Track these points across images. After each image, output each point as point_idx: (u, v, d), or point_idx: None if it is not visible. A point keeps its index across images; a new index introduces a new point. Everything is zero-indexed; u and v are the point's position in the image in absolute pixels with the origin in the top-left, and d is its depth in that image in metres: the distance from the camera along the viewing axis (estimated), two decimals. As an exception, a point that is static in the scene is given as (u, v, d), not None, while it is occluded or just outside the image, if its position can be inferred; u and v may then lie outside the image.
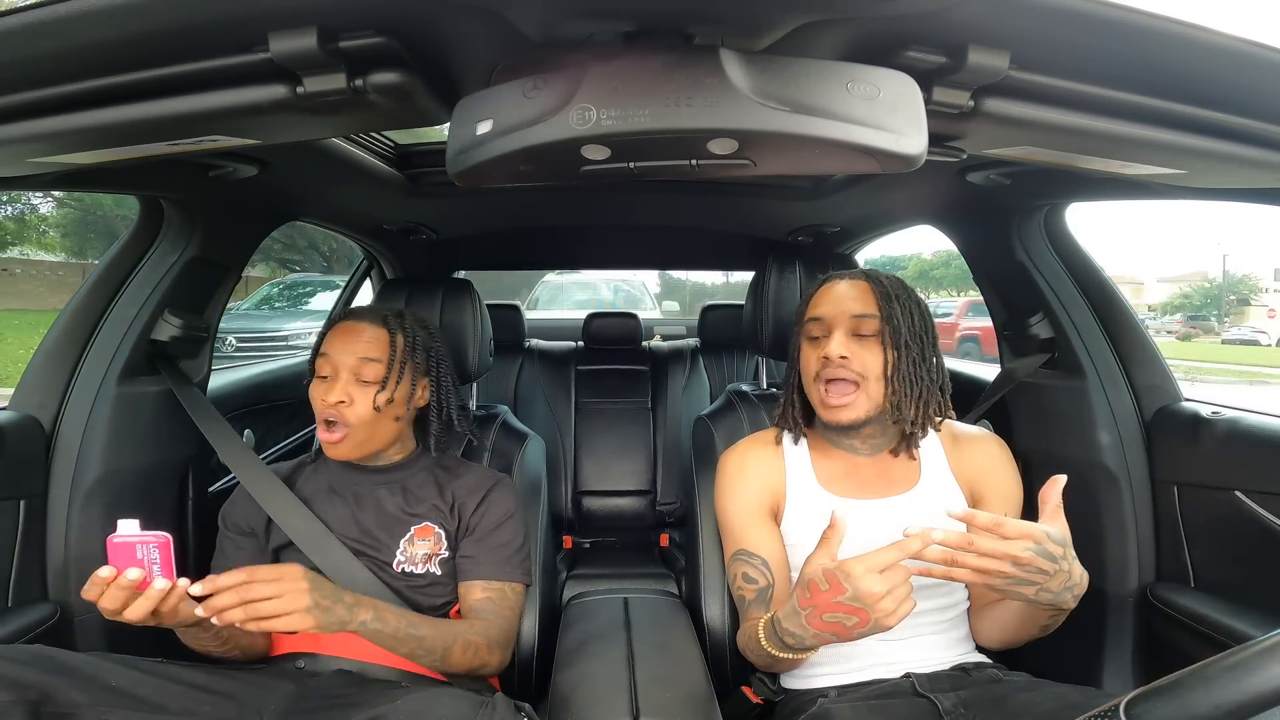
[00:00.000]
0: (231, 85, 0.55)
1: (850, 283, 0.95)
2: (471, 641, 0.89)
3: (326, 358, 0.97)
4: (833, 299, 0.94)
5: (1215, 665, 0.41)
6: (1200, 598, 1.03)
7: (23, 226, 13.71)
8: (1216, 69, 0.54)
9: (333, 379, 0.95)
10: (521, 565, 1.00)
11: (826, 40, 0.53)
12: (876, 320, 0.91)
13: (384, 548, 0.97)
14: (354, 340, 0.97)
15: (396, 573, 0.96)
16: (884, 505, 0.95)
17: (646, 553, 2.05)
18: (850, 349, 0.90)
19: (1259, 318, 28.09)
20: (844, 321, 0.92)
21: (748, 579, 0.94)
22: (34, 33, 0.48)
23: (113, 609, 0.72)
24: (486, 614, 0.94)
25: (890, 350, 0.90)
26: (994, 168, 1.02)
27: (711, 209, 1.66)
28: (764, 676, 1.00)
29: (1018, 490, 1.00)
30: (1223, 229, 57.73)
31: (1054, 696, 0.81)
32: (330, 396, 0.94)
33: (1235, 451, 1.01)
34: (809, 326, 0.96)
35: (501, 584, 0.97)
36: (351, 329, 0.98)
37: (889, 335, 0.90)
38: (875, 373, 0.90)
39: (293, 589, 0.73)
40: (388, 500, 1.00)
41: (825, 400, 0.92)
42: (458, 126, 0.55)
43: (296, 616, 0.72)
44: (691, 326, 3.24)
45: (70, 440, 1.02)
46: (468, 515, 1.00)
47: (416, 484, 1.03)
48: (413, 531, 0.98)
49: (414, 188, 1.30)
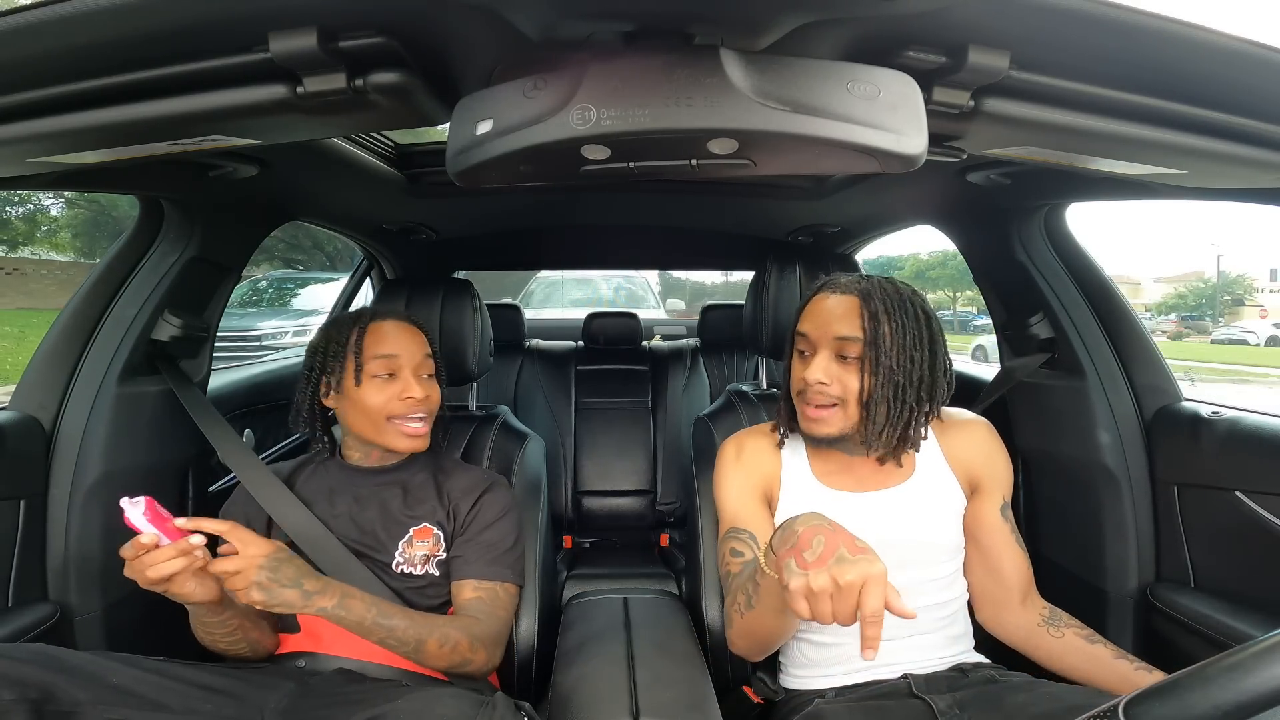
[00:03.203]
0: (231, 85, 0.55)
1: (841, 299, 0.91)
2: (450, 637, 0.88)
3: (392, 358, 0.98)
4: (821, 317, 0.91)
5: (1214, 666, 0.41)
6: (1200, 598, 1.03)
7: (34, 227, 13.79)
8: (1216, 69, 0.54)
9: (402, 376, 0.99)
10: (513, 566, 1.00)
11: (826, 40, 0.53)
12: (860, 344, 0.87)
13: (383, 549, 0.97)
14: (411, 339, 1.01)
15: (396, 574, 0.96)
16: (878, 498, 0.95)
17: (646, 553, 2.05)
18: (831, 372, 0.89)
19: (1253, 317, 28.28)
20: (827, 343, 0.90)
21: (734, 552, 0.92)
22: (34, 33, 0.48)
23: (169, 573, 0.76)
24: (475, 613, 0.94)
25: (869, 376, 0.87)
26: (994, 168, 1.02)
27: (711, 209, 1.66)
28: (764, 676, 1.00)
29: (1009, 472, 1.01)
30: (1218, 230, 57.96)
31: (1050, 696, 0.81)
32: (417, 392, 0.98)
33: (1235, 451, 1.01)
34: (797, 340, 0.95)
35: (493, 584, 0.97)
36: (404, 329, 1.02)
37: (870, 360, 0.87)
38: (854, 395, 0.88)
39: (248, 559, 0.79)
40: (389, 501, 1.00)
41: (805, 414, 0.93)
42: (458, 126, 0.55)
43: (240, 586, 0.78)
44: (691, 326, 3.24)
45: (70, 440, 1.02)
46: (462, 515, 1.01)
47: (416, 485, 1.03)
48: (411, 533, 0.98)
49: (414, 188, 1.30)
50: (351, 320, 1.02)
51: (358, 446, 1.04)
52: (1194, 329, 28.59)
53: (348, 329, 1.00)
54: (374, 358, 0.98)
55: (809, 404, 0.92)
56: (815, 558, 0.62)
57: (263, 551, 0.80)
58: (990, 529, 0.97)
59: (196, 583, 0.80)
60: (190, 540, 0.77)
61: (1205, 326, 28.74)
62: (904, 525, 0.93)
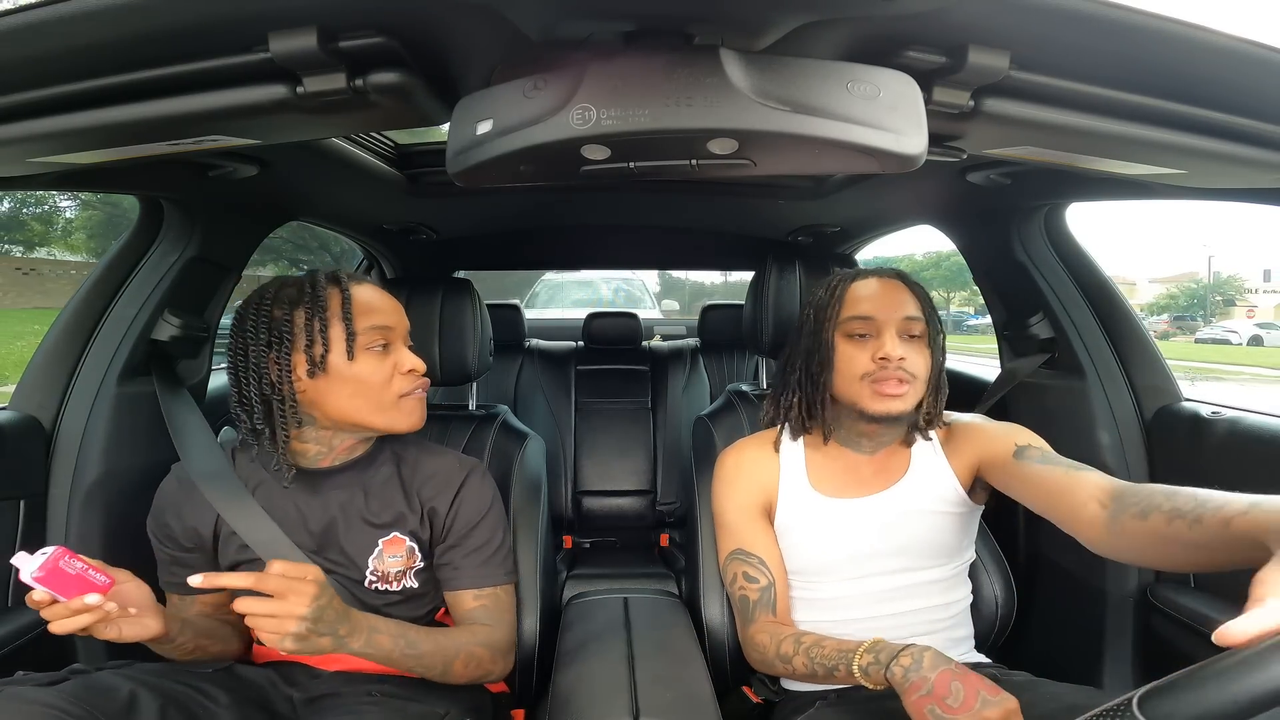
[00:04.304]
0: (231, 85, 0.55)
1: (892, 283, 0.94)
2: (474, 654, 0.85)
3: (387, 329, 0.86)
4: (882, 299, 0.92)
5: (1230, 658, 0.40)
6: (1200, 597, 1.03)
7: (49, 228, 13.86)
8: (1216, 69, 0.54)
9: (396, 347, 0.88)
10: (504, 564, 0.94)
11: (827, 40, 0.53)
12: (923, 322, 0.92)
13: (351, 565, 0.88)
14: (396, 305, 0.90)
15: (370, 591, 0.88)
16: (874, 501, 0.95)
17: (646, 553, 2.05)
18: (905, 349, 0.90)
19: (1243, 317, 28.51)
20: (895, 323, 0.91)
21: (749, 578, 0.94)
22: (34, 33, 0.48)
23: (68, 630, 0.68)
24: (485, 622, 0.90)
25: (933, 353, 0.93)
26: (994, 168, 1.02)
27: (711, 209, 1.66)
28: (764, 677, 1.00)
29: (1010, 430, 0.94)
30: (1210, 231, 58.26)
31: (1052, 697, 0.81)
32: (420, 363, 0.88)
33: (1235, 452, 1.01)
34: (851, 324, 0.92)
35: (493, 589, 0.92)
36: (385, 294, 0.90)
37: (931, 337, 0.93)
38: (923, 374, 0.91)
39: (286, 611, 0.68)
40: (349, 509, 0.88)
41: (878, 390, 0.90)
42: (458, 126, 0.55)
43: (270, 633, 0.68)
44: (691, 326, 3.25)
45: (70, 440, 1.02)
46: (441, 519, 0.91)
47: (379, 485, 0.90)
48: (381, 546, 0.88)
49: (414, 188, 1.30)
50: (329, 282, 0.85)
51: (322, 440, 0.87)
52: (1184, 329, 28.86)
53: (324, 293, 0.83)
54: (369, 328, 0.84)
55: (886, 381, 0.90)
56: (959, 704, 0.68)
57: (306, 601, 0.68)
58: (1013, 476, 0.88)
59: (128, 626, 0.73)
60: (87, 600, 0.67)
61: (1196, 327, 28.94)
62: (903, 528, 0.93)
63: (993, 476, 0.92)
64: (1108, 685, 1.12)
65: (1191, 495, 0.67)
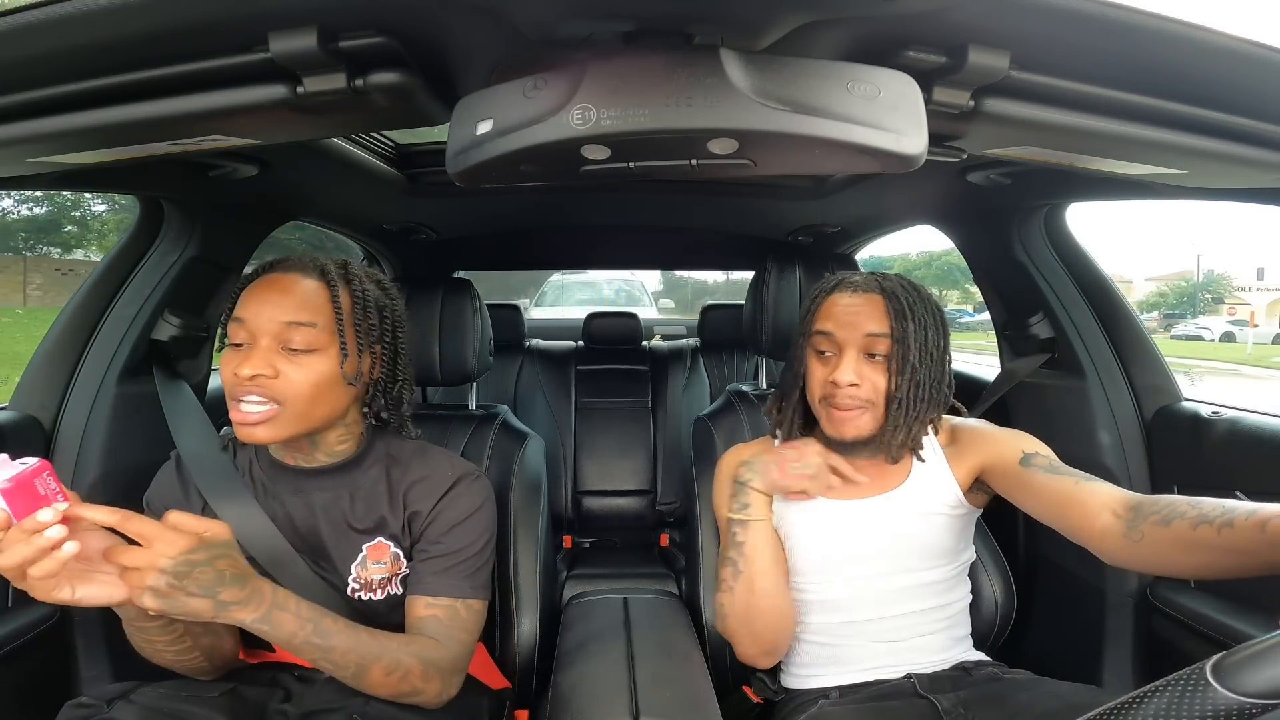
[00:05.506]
0: (231, 85, 0.55)
1: (864, 296, 0.89)
2: (400, 664, 0.74)
3: (241, 323, 0.76)
4: (845, 314, 0.89)
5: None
6: (1200, 597, 1.03)
7: (85, 230, 14.01)
8: (1216, 69, 0.54)
9: (250, 346, 0.75)
10: (472, 578, 0.83)
11: (827, 40, 0.53)
12: (889, 341, 0.87)
13: (333, 569, 0.84)
14: (281, 298, 0.76)
15: (353, 599, 0.84)
16: (874, 503, 0.94)
17: (646, 553, 2.05)
18: (861, 373, 0.87)
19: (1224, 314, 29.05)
20: (856, 341, 0.87)
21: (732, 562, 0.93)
22: (34, 33, 0.48)
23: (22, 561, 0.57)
24: (432, 635, 0.80)
25: (895, 376, 0.86)
26: (994, 168, 1.02)
27: (711, 209, 1.66)
28: (764, 676, 1.00)
29: (1016, 436, 0.93)
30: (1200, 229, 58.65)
31: (1053, 695, 0.81)
32: (243, 369, 0.73)
33: (1235, 452, 1.01)
34: (816, 340, 0.91)
35: (451, 601, 0.81)
36: (276, 283, 0.77)
37: (898, 359, 0.86)
38: (882, 395, 0.87)
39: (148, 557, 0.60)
40: (334, 511, 0.84)
41: (832, 417, 0.89)
42: (458, 126, 0.55)
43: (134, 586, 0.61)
44: (691, 326, 3.25)
45: (70, 440, 1.02)
46: (420, 523, 0.85)
47: (366, 487, 0.85)
48: (365, 552, 0.84)
49: (414, 188, 1.30)
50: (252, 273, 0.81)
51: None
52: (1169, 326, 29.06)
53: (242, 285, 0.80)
54: (232, 319, 0.77)
55: (838, 407, 0.88)
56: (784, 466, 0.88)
57: (172, 550, 0.61)
58: (1019, 483, 0.87)
59: (84, 586, 0.62)
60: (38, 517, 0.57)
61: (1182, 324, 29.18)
62: (903, 530, 0.93)
63: (996, 483, 0.91)
64: (1108, 684, 1.12)
65: (1217, 502, 0.66)
